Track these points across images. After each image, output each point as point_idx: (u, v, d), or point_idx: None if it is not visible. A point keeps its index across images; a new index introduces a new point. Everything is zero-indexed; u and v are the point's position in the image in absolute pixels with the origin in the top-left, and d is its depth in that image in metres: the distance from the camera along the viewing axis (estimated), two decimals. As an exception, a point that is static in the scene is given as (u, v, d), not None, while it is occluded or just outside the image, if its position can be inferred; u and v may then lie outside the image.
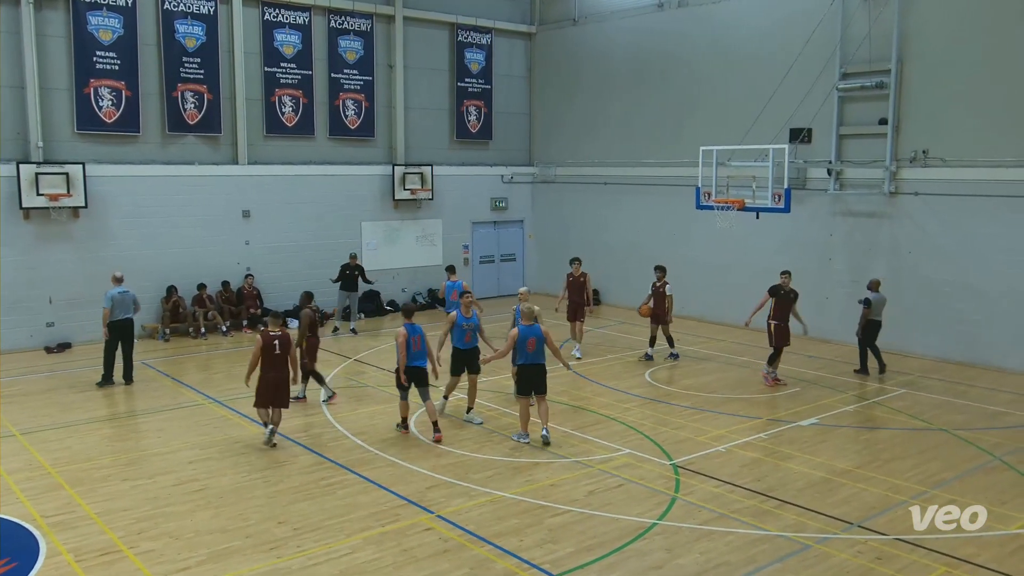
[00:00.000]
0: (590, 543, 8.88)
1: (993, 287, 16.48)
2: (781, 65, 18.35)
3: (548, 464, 11.28)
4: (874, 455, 11.74)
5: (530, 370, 12.14)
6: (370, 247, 23.02)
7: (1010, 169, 16.08)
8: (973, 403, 14.32)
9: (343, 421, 13.18)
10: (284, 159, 21.51)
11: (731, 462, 11.35)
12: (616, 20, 23.40)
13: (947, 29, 16.95)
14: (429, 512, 9.64)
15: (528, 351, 12.05)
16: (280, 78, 21.23)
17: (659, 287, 17.07)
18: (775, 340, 15.20)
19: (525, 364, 12.15)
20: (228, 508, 9.77)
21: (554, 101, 25.43)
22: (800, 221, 18.77)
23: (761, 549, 8.77)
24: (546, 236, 25.94)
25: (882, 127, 17.72)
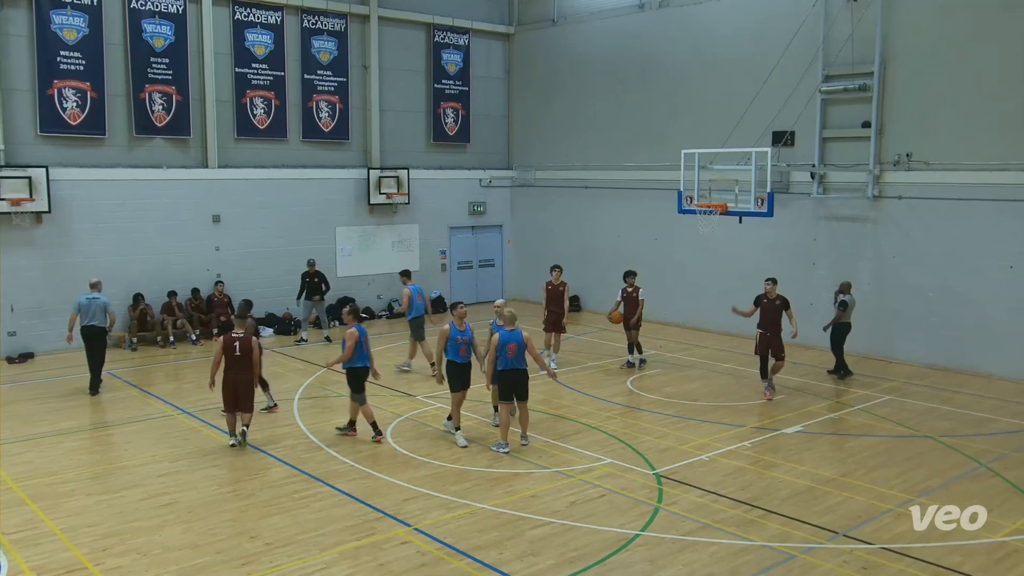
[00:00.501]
0: (572, 555, 8.80)
1: (979, 292, 16.42)
2: (763, 67, 18.24)
3: (528, 475, 11.14)
4: (859, 463, 11.66)
5: (512, 376, 12.03)
6: (345, 252, 22.66)
7: (995, 172, 16.03)
8: (959, 409, 14.26)
9: (317, 432, 12.93)
10: (256, 162, 21.13)
11: (715, 471, 11.27)
12: (596, 21, 23.23)
13: (930, 31, 16.92)
14: (406, 525, 9.51)
15: (509, 357, 11.94)
16: (251, 79, 20.86)
17: (631, 292, 16.85)
18: (757, 348, 14.99)
19: (506, 370, 11.99)
20: (198, 523, 9.55)
21: (533, 103, 25.22)
22: (783, 225, 18.66)
23: (746, 560, 8.73)
24: (526, 241, 25.71)
25: (865, 130, 17.65)
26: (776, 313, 14.64)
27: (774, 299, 14.72)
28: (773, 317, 14.64)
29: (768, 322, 14.66)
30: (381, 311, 23.33)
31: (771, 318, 14.65)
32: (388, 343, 19.77)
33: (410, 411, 14.07)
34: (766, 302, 14.73)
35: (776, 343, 14.63)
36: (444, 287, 24.65)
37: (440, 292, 24.38)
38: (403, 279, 17.15)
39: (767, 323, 14.69)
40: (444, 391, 15.06)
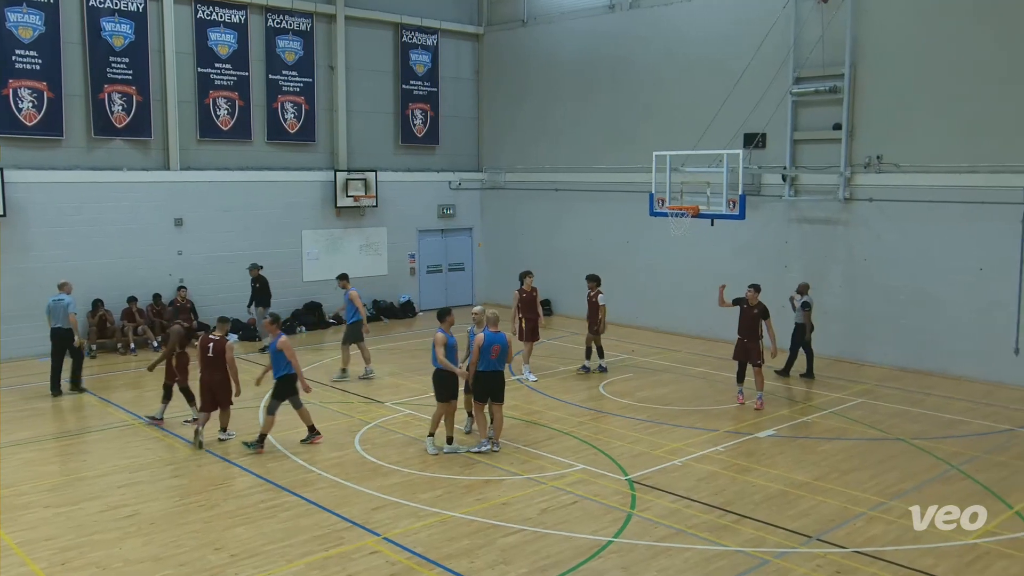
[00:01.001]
0: (544, 563, 8.73)
1: (949, 294, 16.51)
2: (734, 69, 18.23)
3: (500, 482, 11.03)
4: (832, 466, 11.66)
5: (490, 377, 12.00)
6: (311, 256, 22.35)
7: (964, 175, 16.13)
8: (930, 412, 14.32)
9: (283, 440, 12.67)
10: (219, 164, 20.77)
11: (688, 476, 11.23)
12: (566, 21, 23.14)
13: (900, 33, 17.00)
14: (375, 534, 9.39)
15: (492, 358, 11.92)
16: (214, 79, 20.50)
17: (592, 297, 16.75)
18: (735, 353, 14.80)
19: (486, 372, 11.96)
20: (160, 535, 9.37)
21: (503, 105, 25.07)
22: (755, 228, 18.68)
23: (719, 565, 8.71)
24: (496, 244, 25.54)
25: (836, 132, 17.71)
26: (753, 320, 14.42)
27: (753, 306, 14.47)
28: (749, 323, 14.46)
29: (744, 328, 14.52)
30: (349, 316, 23.00)
31: (747, 324, 14.48)
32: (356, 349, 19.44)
33: (378, 418, 13.87)
34: (745, 307, 14.52)
35: (752, 349, 14.45)
36: (413, 291, 24.40)
37: (409, 296, 24.14)
38: (343, 283, 16.73)
39: (743, 329, 14.54)
40: (413, 397, 14.91)
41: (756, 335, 14.39)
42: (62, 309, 15.10)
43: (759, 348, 14.42)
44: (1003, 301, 15.79)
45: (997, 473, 11.29)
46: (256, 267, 19.47)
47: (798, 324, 16.34)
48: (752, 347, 14.40)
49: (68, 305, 15.13)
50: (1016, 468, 11.51)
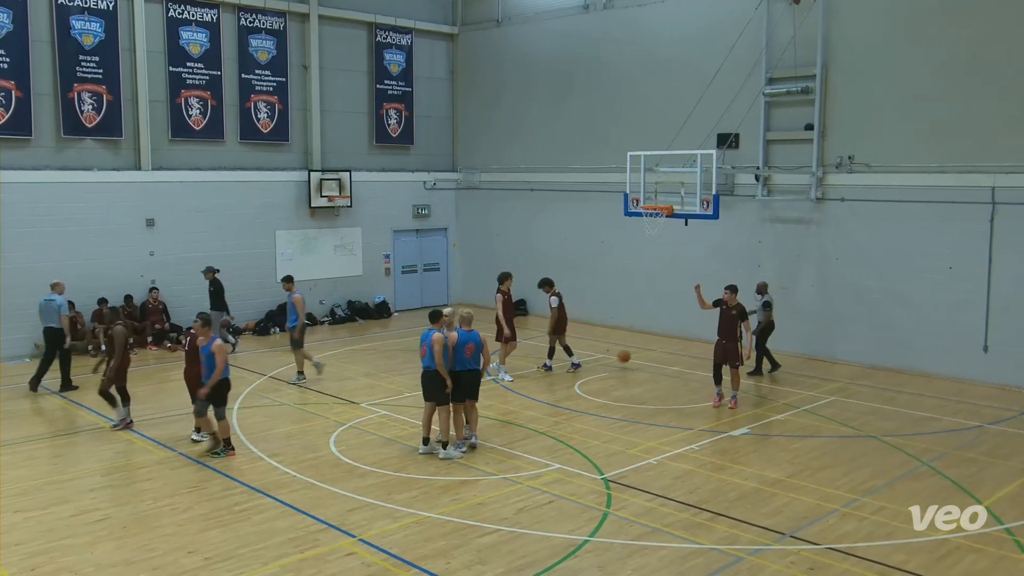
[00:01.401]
0: (520, 563, 8.72)
1: (919, 293, 16.70)
2: (708, 69, 18.32)
3: (475, 482, 11.01)
4: (805, 464, 11.73)
5: (466, 377, 11.99)
6: (285, 257, 22.20)
7: (934, 175, 16.32)
8: (901, 409, 14.46)
9: (257, 442, 12.60)
10: (191, 164, 20.58)
11: (663, 475, 11.26)
12: (540, 22, 23.16)
13: (870, 35, 17.16)
14: (351, 536, 9.33)
15: (466, 357, 11.92)
16: (186, 79, 20.31)
17: (549, 300, 16.87)
18: (714, 355, 14.70)
19: (463, 371, 11.94)
20: (132, 539, 9.25)
21: (478, 105, 25.04)
22: (729, 227, 18.78)
23: (694, 563, 8.74)
24: (471, 244, 25.51)
25: (808, 132, 17.85)
26: (731, 321, 14.37)
27: (731, 307, 14.44)
28: (727, 325, 14.41)
29: (722, 329, 14.49)
30: (324, 317, 22.90)
31: (725, 325, 14.43)
32: (331, 350, 19.42)
33: (353, 419, 13.78)
34: (724, 308, 14.50)
35: (731, 350, 14.38)
36: (388, 292, 24.31)
37: (384, 297, 24.05)
38: (288, 285, 16.28)
39: (722, 330, 14.49)
40: (388, 398, 14.86)
41: (735, 336, 14.38)
42: (53, 309, 15.33)
43: (737, 349, 14.42)
44: (972, 300, 16.00)
45: (966, 469, 11.43)
46: (211, 270, 19.02)
47: (759, 323, 16.43)
48: (730, 348, 14.37)
49: (60, 306, 15.37)
50: (985, 464, 11.66)
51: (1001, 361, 15.76)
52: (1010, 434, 13.05)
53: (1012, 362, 15.62)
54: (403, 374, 16.58)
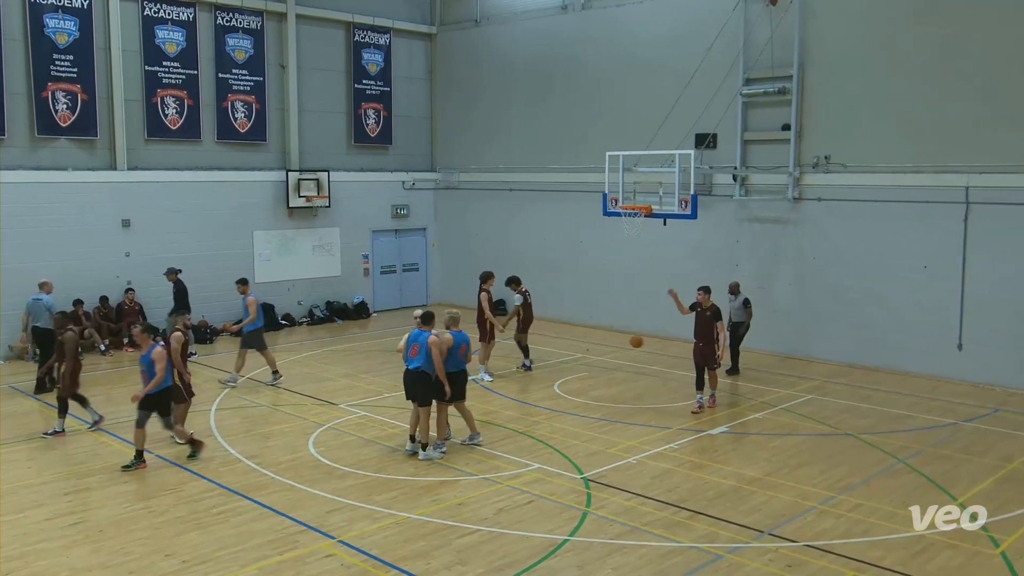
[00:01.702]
0: (500, 563, 8.72)
1: (895, 292, 16.83)
2: (686, 69, 18.40)
3: (455, 482, 11.00)
4: (783, 462, 11.80)
5: (460, 376, 12.09)
6: (263, 258, 22.07)
7: (909, 175, 16.46)
8: (878, 407, 14.58)
9: (235, 444, 12.53)
10: (168, 164, 20.41)
11: (642, 474, 11.29)
12: (519, 22, 23.16)
13: (846, 36, 17.29)
14: (330, 538, 9.29)
15: (460, 357, 12.02)
16: (162, 78, 20.13)
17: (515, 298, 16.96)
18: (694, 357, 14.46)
19: (456, 372, 12.03)
20: (108, 542, 9.15)
21: (456, 105, 25.01)
22: (707, 227, 18.83)
23: (674, 562, 8.76)
24: (450, 244, 25.47)
25: (785, 133, 17.95)
26: (707, 323, 14.16)
27: (706, 308, 14.24)
28: (703, 327, 14.22)
29: (699, 331, 14.28)
30: (302, 318, 22.79)
31: (701, 328, 14.24)
32: (309, 351, 19.33)
33: (332, 420, 13.73)
34: (699, 311, 14.30)
35: (708, 353, 14.15)
36: (367, 292, 24.23)
37: (363, 297, 23.96)
38: (242, 288, 16.10)
39: (698, 332, 14.29)
40: (367, 399, 14.82)
41: (712, 338, 14.16)
42: (42, 309, 15.55)
43: (714, 351, 14.22)
44: (947, 298, 16.16)
45: (941, 466, 11.54)
46: (173, 271, 18.55)
47: (737, 322, 16.46)
48: (707, 351, 14.16)
49: (51, 306, 15.58)
50: (960, 461, 11.78)
51: (975, 359, 15.93)
52: (984, 431, 13.20)
53: (986, 360, 15.80)
54: (382, 375, 16.53)
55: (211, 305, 20.24)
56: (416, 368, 11.73)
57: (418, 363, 11.71)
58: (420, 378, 11.76)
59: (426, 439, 11.93)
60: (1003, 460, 11.79)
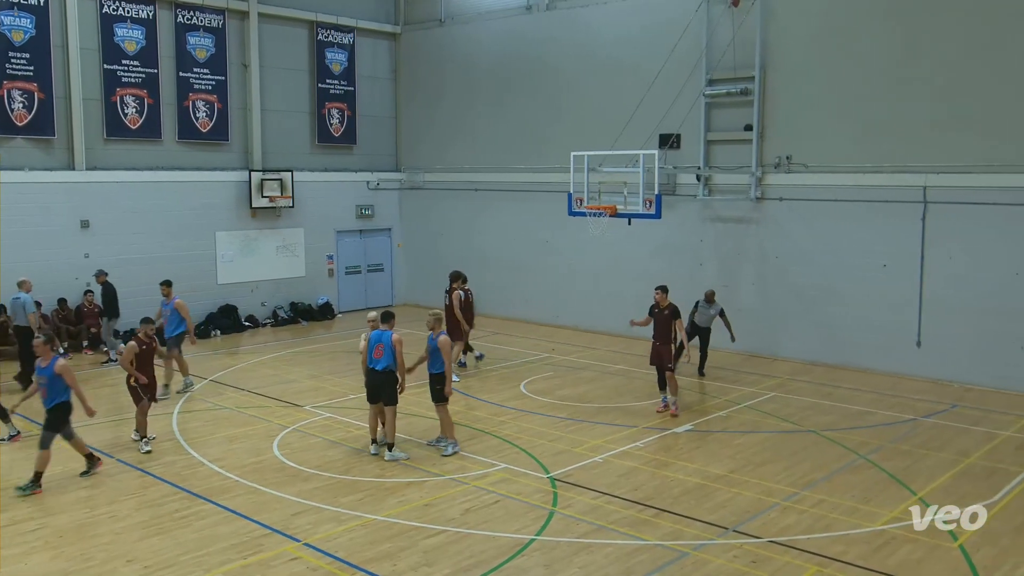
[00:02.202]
0: (467, 563, 8.71)
1: (855, 290, 17.07)
2: (649, 70, 18.51)
3: (422, 483, 10.95)
4: (747, 459, 11.91)
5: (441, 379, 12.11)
6: (225, 259, 21.83)
7: (868, 175, 16.71)
8: (839, 404, 14.77)
9: (198, 447, 12.37)
10: (128, 164, 20.11)
11: (608, 472, 11.33)
12: (483, 22, 23.15)
13: (807, 37, 17.50)
14: (295, 540, 9.22)
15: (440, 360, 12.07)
16: (122, 77, 19.84)
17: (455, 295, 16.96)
18: (651, 358, 14.39)
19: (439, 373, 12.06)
20: (69, 548, 9.04)
21: (421, 104, 24.93)
22: (671, 227, 18.97)
23: (640, 560, 8.81)
24: (416, 245, 25.39)
25: (747, 133, 18.13)
26: (665, 323, 13.93)
27: (664, 308, 14.03)
28: (661, 327, 14.05)
29: (657, 331, 14.13)
30: (266, 319, 22.58)
31: (660, 328, 14.08)
32: (273, 352, 19.16)
33: (297, 422, 13.61)
34: (657, 311, 14.11)
35: (665, 353, 13.97)
36: (332, 293, 24.07)
37: (327, 298, 23.80)
38: (166, 290, 15.43)
39: (657, 332, 14.14)
40: (332, 400, 14.71)
41: (670, 338, 14.02)
42: (19, 307, 15.67)
43: (671, 352, 14.08)
44: (906, 296, 16.42)
45: (902, 461, 11.72)
46: (102, 273, 17.93)
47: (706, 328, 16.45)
48: (664, 351, 13.96)
49: (25, 304, 15.64)
50: (919, 456, 11.97)
51: (934, 356, 16.21)
52: (943, 427, 13.43)
53: (944, 357, 16.08)
54: (347, 376, 16.42)
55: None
56: (384, 368, 11.73)
57: (385, 363, 11.72)
58: (389, 378, 11.78)
59: (392, 439, 11.92)
60: (961, 455, 12.00)
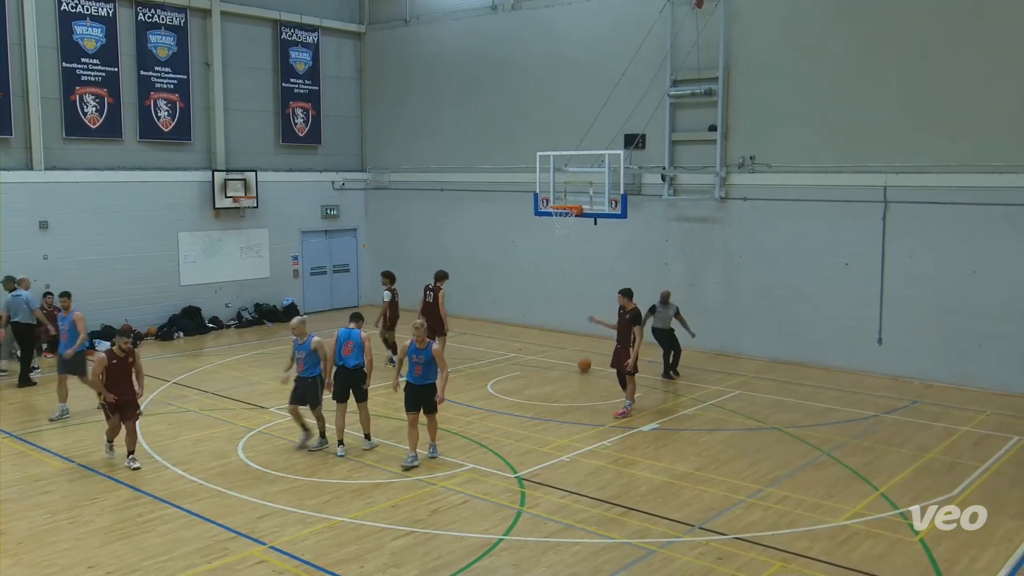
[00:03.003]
0: (435, 564, 8.71)
1: (817, 288, 17.28)
2: (614, 71, 18.57)
3: (388, 484, 10.91)
4: (713, 456, 12.01)
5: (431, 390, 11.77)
6: (188, 260, 21.57)
7: (830, 175, 16.93)
8: (802, 401, 14.94)
9: (162, 450, 12.21)
10: (88, 164, 19.80)
11: (576, 471, 11.37)
12: (448, 22, 23.10)
13: (770, 38, 17.69)
14: (261, 544, 9.15)
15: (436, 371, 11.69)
16: (81, 75, 19.51)
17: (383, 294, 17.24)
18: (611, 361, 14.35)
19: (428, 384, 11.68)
20: (29, 555, 8.89)
21: (386, 104, 24.82)
22: (636, 226, 19.07)
23: (607, 558, 8.85)
24: (381, 245, 25.26)
25: (712, 134, 18.27)
26: (626, 327, 13.87)
27: (628, 311, 13.96)
28: (622, 330, 14.01)
29: (619, 335, 14.10)
30: (230, 320, 22.33)
31: (621, 331, 14.05)
32: (238, 354, 18.98)
33: (262, 424, 13.50)
34: (620, 313, 14.09)
35: (624, 356, 13.82)
36: (297, 294, 23.89)
37: (292, 299, 23.62)
38: (65, 301, 14.30)
39: (619, 335, 14.11)
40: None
41: (628, 342, 13.80)
42: (22, 304, 15.91)
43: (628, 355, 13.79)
44: (867, 295, 16.66)
45: (863, 457, 11.89)
46: (11, 280, 16.81)
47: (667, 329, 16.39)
48: (624, 354, 13.84)
49: (28, 300, 15.97)
50: (880, 452, 12.15)
51: (894, 353, 16.47)
52: (903, 423, 13.64)
53: (904, 354, 16.34)
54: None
55: (135, 309, 19.76)
56: (354, 366, 11.86)
57: (355, 360, 11.85)
58: (360, 375, 11.93)
59: (368, 429, 12.15)
60: (921, 450, 12.21)
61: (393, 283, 17.19)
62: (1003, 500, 10.28)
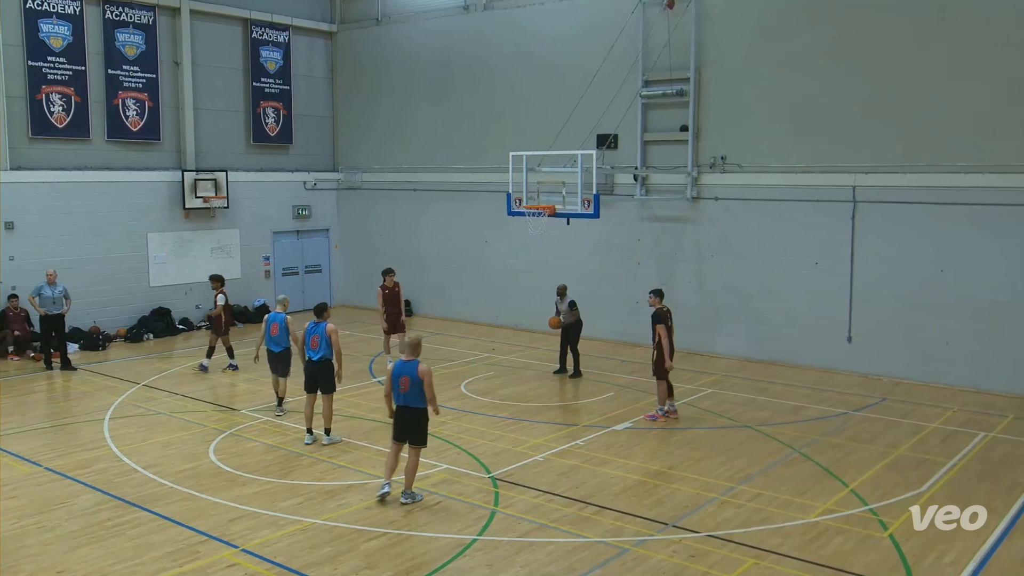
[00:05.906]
0: (408, 565, 8.67)
1: (788, 287, 17.43)
2: (587, 71, 18.64)
3: (362, 486, 10.85)
4: (685, 455, 12.07)
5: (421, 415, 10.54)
6: (158, 260, 21.34)
7: (800, 175, 17.09)
8: (774, 399, 15.06)
9: (131, 453, 12.07)
10: (54, 164, 19.54)
11: (549, 471, 11.37)
12: (421, 21, 23.04)
13: (740, 39, 17.81)
14: (233, 547, 9.07)
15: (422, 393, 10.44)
16: (47, 73, 19.25)
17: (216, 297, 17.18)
18: None
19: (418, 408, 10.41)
20: (-5, 561, 8.74)
21: (358, 104, 24.71)
22: (610, 226, 19.14)
23: (581, 557, 8.87)
24: (354, 245, 25.16)
25: (683, 134, 18.36)
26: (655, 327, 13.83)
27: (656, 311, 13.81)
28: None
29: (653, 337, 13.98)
30: (200, 322, 22.11)
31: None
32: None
33: (234, 426, 13.39)
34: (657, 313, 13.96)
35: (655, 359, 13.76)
36: (268, 295, 23.70)
37: (264, 300, 23.44)
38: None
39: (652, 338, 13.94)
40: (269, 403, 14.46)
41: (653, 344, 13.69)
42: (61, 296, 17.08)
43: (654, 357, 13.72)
44: (836, 293, 16.83)
45: (834, 454, 12.00)
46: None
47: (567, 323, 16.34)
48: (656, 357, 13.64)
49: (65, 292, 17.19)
50: (850, 449, 12.27)
51: (864, 351, 16.64)
52: (872, 420, 13.79)
53: (873, 352, 16.52)
54: (285, 378, 16.18)
55: (104, 311, 19.54)
56: (320, 358, 12.27)
57: (321, 353, 12.27)
58: (325, 367, 12.32)
59: (329, 424, 12.37)
60: (890, 447, 12.35)
61: (223, 285, 17.15)
62: (970, 495, 10.39)
